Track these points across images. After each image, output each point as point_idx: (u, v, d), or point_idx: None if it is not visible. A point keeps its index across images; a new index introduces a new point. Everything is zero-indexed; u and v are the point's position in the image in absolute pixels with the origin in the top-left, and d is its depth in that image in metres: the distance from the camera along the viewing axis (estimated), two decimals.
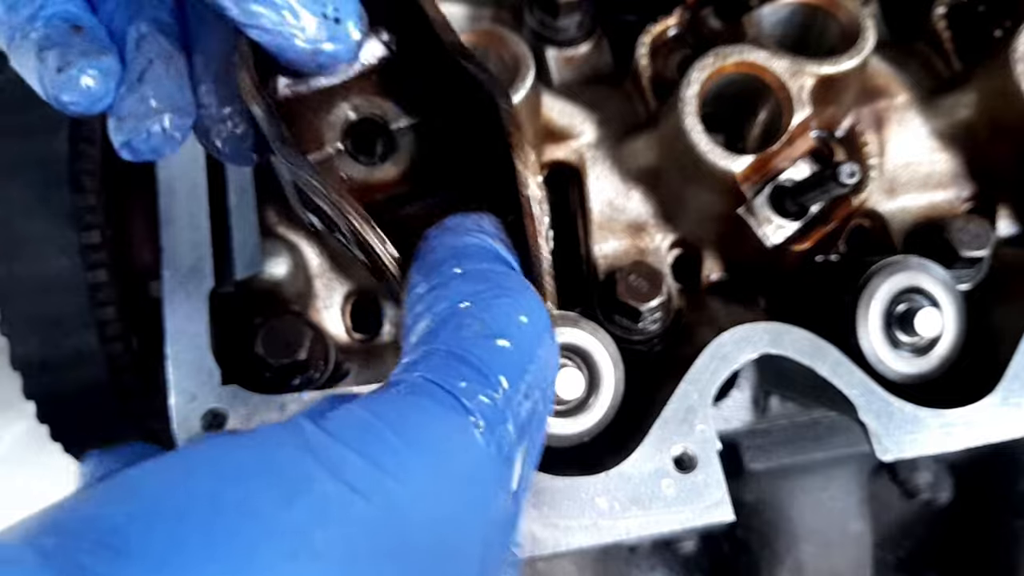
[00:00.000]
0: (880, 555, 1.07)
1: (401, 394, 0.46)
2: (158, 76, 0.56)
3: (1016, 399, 0.78)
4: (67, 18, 0.56)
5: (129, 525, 0.35)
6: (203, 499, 0.37)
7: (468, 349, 0.48)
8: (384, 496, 0.40)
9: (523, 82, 0.83)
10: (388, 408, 0.45)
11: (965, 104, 0.94)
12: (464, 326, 0.49)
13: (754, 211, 0.86)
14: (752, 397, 0.95)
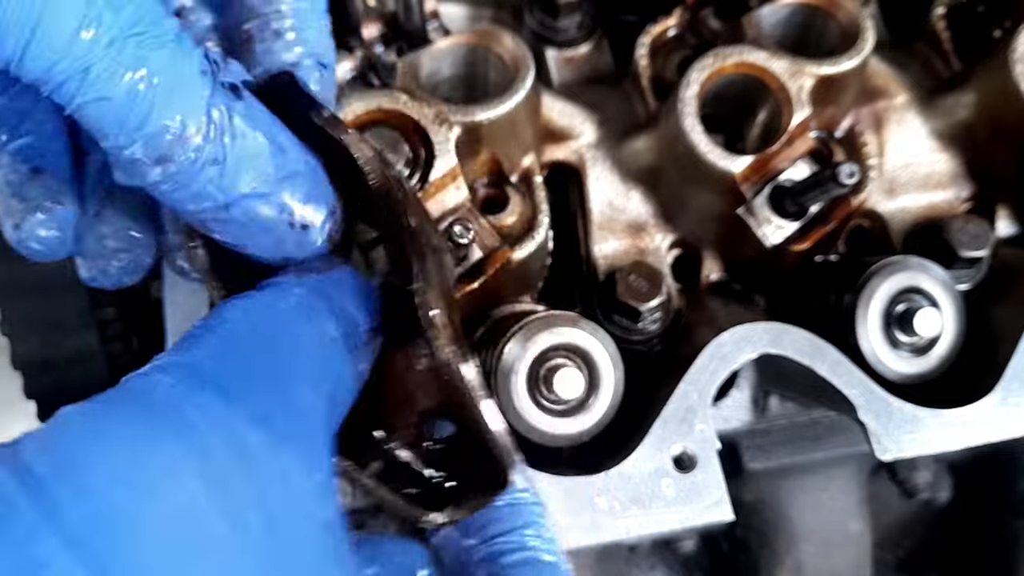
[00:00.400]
0: (880, 555, 1.07)
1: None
2: (116, 213, 0.56)
3: (1015, 399, 0.78)
4: (29, 156, 0.55)
5: None
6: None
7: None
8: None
9: (523, 83, 0.83)
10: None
11: (964, 104, 0.94)
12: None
13: (754, 211, 0.87)
14: (751, 397, 0.95)
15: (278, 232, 0.51)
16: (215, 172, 0.47)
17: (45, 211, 0.55)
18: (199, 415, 0.40)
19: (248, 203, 0.49)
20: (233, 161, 0.48)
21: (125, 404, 0.40)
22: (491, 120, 0.82)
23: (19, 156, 0.55)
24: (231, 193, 0.48)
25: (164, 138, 0.45)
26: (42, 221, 0.55)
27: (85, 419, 0.39)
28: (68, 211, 0.56)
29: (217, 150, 0.47)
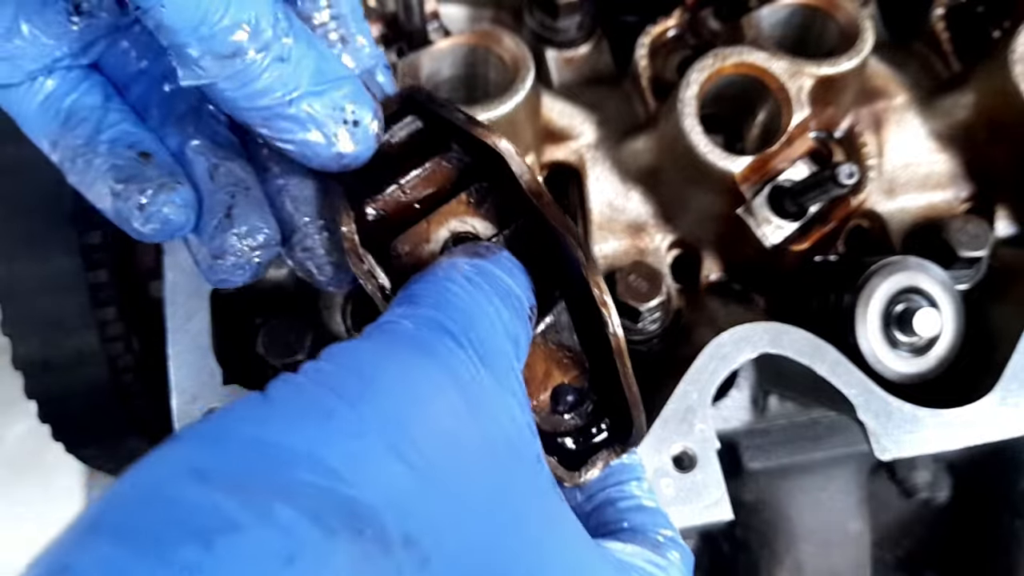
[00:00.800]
0: (879, 554, 1.07)
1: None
2: (245, 214, 0.58)
3: (1014, 399, 0.79)
4: (130, 143, 0.58)
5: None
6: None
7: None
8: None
9: (523, 83, 0.84)
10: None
11: (964, 105, 0.94)
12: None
13: (753, 211, 0.87)
14: (751, 397, 0.95)
15: (334, 128, 0.54)
16: (280, 69, 0.50)
17: (168, 189, 0.56)
18: (445, 351, 0.46)
19: (308, 100, 0.52)
20: (296, 59, 0.51)
21: (386, 342, 0.46)
22: (491, 120, 0.82)
23: (118, 144, 0.57)
24: (294, 89, 0.51)
25: (239, 33, 0.48)
26: (168, 201, 0.56)
27: (367, 350, 0.45)
28: (190, 192, 0.58)
29: (283, 48, 0.50)
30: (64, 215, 0.92)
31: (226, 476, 0.36)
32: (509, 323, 0.52)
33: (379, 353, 0.45)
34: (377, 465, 0.39)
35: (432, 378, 0.45)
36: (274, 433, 0.39)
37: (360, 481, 0.38)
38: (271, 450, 0.38)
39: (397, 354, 0.45)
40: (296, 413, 0.40)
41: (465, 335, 0.48)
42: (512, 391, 0.49)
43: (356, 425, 0.40)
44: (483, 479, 0.44)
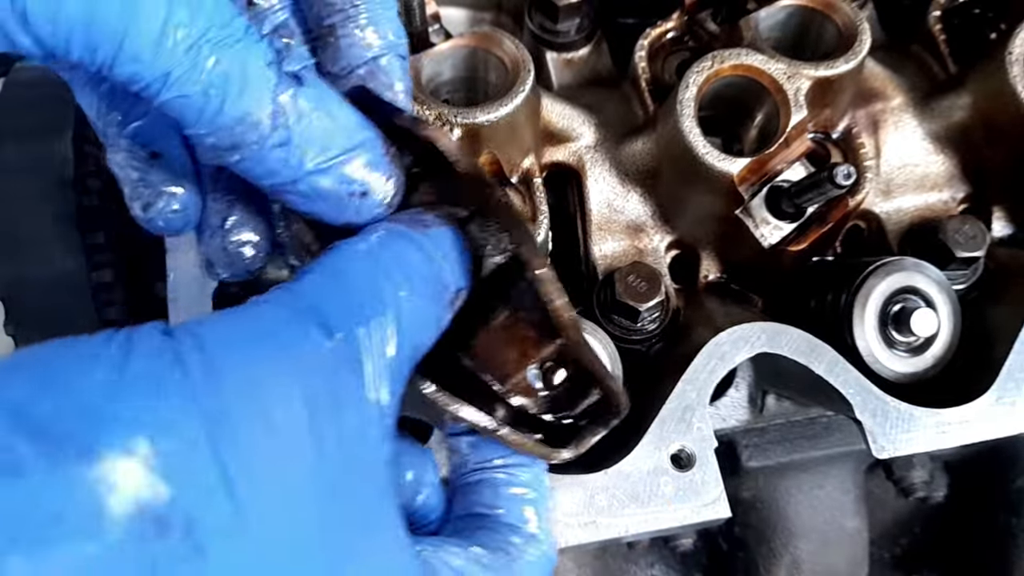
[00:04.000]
0: (876, 552, 1.08)
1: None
2: (240, 224, 0.61)
3: (1010, 398, 0.79)
4: (146, 140, 0.61)
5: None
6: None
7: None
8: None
9: (523, 85, 0.84)
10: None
11: (960, 106, 0.95)
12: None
13: (751, 212, 0.87)
14: (749, 396, 0.96)
15: (341, 200, 0.56)
16: (283, 153, 0.53)
17: (167, 194, 0.60)
18: (309, 347, 0.47)
19: (313, 177, 0.55)
20: (298, 142, 0.53)
21: (251, 327, 0.47)
22: (491, 122, 0.82)
23: (136, 140, 0.61)
24: (298, 170, 0.54)
25: (237, 127, 0.51)
26: (167, 206, 0.60)
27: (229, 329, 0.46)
28: (189, 196, 0.61)
29: (283, 134, 0.53)
30: (68, 215, 0.92)
31: (34, 422, 0.38)
32: (412, 315, 0.52)
33: (238, 336, 0.46)
34: (185, 459, 0.40)
35: (280, 376, 0.45)
36: (92, 386, 0.41)
37: (166, 468, 0.39)
38: (82, 403, 0.40)
39: (254, 342, 0.46)
40: (132, 378, 0.41)
41: (343, 327, 0.48)
42: (379, 399, 0.49)
43: (175, 413, 0.41)
44: (311, 504, 0.44)
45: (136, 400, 0.41)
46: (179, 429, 0.41)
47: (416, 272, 0.54)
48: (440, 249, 0.56)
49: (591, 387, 0.62)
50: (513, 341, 0.61)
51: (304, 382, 0.46)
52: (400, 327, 0.51)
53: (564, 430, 0.62)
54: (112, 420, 0.40)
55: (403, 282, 0.52)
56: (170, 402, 0.41)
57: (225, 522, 0.41)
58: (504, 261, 0.60)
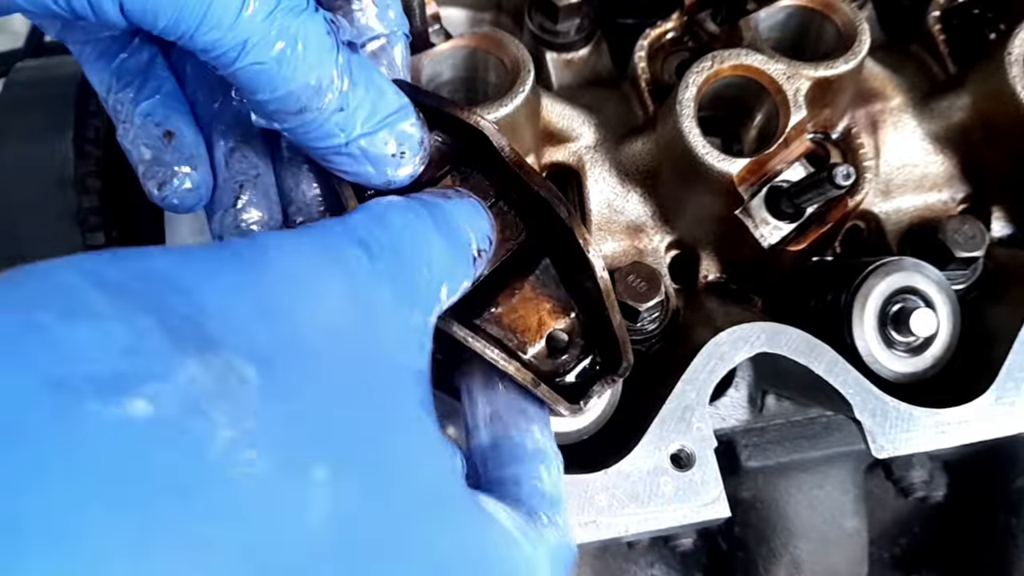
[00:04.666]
0: (876, 552, 1.08)
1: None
2: (249, 205, 0.65)
3: (1010, 398, 0.79)
4: (159, 119, 0.64)
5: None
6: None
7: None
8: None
9: (523, 86, 0.84)
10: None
11: (960, 106, 0.95)
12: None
13: (751, 212, 0.87)
14: (749, 396, 0.96)
15: (383, 160, 0.61)
16: (340, 117, 0.57)
17: (180, 174, 0.63)
18: (354, 261, 0.51)
19: (362, 139, 0.59)
20: (353, 106, 0.58)
21: (307, 241, 0.51)
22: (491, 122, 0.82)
23: (149, 118, 0.64)
24: (351, 133, 0.58)
25: (304, 93, 0.55)
26: (181, 182, 0.63)
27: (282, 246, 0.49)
28: (201, 176, 0.64)
29: (343, 99, 0.57)
30: (68, 215, 0.92)
31: (111, 282, 0.40)
32: (440, 259, 0.56)
33: (295, 247, 0.49)
34: (242, 320, 0.43)
35: (328, 279, 0.49)
36: (172, 268, 0.43)
37: (222, 323, 0.42)
38: (162, 278, 0.42)
39: (307, 252, 0.49)
40: (199, 264, 0.44)
41: (383, 255, 0.52)
42: (411, 318, 0.53)
43: (240, 287, 0.44)
44: (342, 377, 0.46)
45: (199, 277, 0.43)
46: (233, 301, 0.43)
47: (445, 226, 0.58)
48: (464, 212, 0.61)
49: (597, 348, 0.70)
50: (535, 310, 0.70)
51: (353, 292, 0.49)
52: (433, 267, 0.55)
53: (572, 389, 0.69)
54: (175, 287, 0.42)
55: (434, 231, 0.57)
56: (225, 282, 0.44)
57: (277, 372, 0.42)
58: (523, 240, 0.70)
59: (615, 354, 0.69)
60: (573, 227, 0.67)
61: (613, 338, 0.69)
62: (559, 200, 0.67)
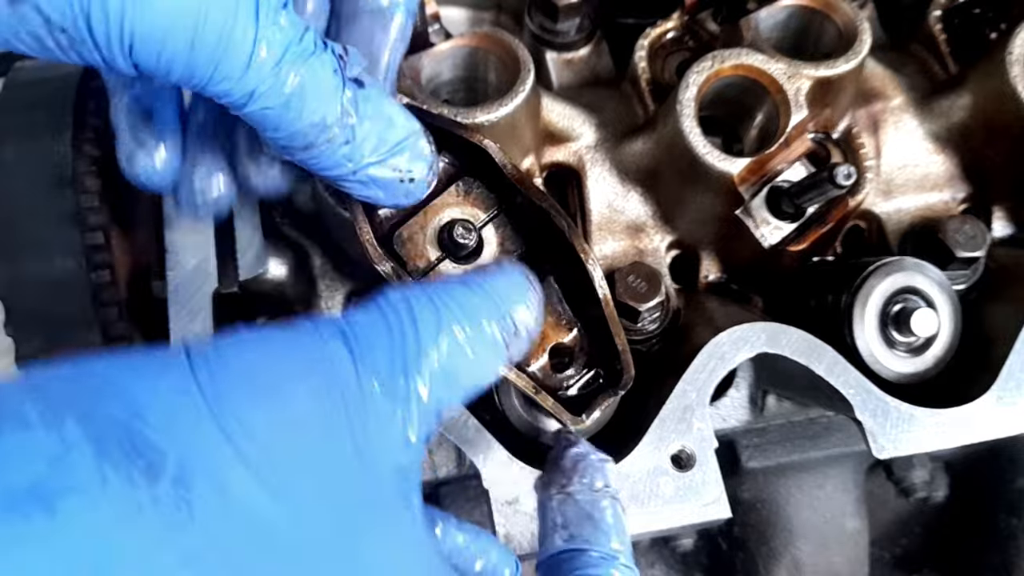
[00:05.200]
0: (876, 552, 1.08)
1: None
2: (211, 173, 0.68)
3: (1011, 398, 0.79)
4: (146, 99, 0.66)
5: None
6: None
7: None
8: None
9: (523, 85, 0.84)
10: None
11: (961, 106, 0.95)
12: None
13: (751, 212, 0.87)
14: (749, 396, 0.96)
15: (392, 186, 0.63)
16: (347, 149, 0.59)
17: (149, 150, 0.66)
18: (343, 368, 0.49)
19: (371, 168, 0.61)
20: (360, 138, 0.59)
21: (289, 340, 0.50)
22: (491, 122, 0.82)
23: (137, 99, 0.66)
24: (359, 163, 0.60)
25: (310, 131, 0.57)
26: (148, 158, 0.66)
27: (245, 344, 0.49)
28: (169, 155, 0.67)
29: (348, 133, 0.59)
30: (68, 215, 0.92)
31: (48, 392, 0.41)
32: (447, 354, 0.53)
33: (261, 343, 0.49)
34: (185, 428, 0.42)
35: (294, 378, 0.47)
36: (115, 372, 0.43)
37: (159, 423, 0.41)
38: (103, 383, 0.42)
39: (275, 348, 0.49)
40: (145, 367, 0.44)
41: (372, 354, 0.50)
42: (394, 424, 0.50)
43: (185, 390, 0.43)
44: (302, 490, 0.45)
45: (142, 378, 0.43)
46: (176, 400, 0.43)
47: (471, 314, 0.55)
48: (501, 289, 0.58)
49: (600, 362, 0.71)
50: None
51: (319, 380, 0.48)
52: (433, 363, 0.52)
53: (575, 401, 0.70)
54: (113, 391, 0.42)
55: (442, 324, 0.54)
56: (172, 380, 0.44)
57: (215, 478, 0.42)
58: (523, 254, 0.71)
59: (617, 367, 0.70)
60: (573, 240, 0.68)
61: (615, 352, 0.70)
62: (560, 213, 0.69)
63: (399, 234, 0.71)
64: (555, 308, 0.72)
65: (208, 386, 0.44)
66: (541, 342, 0.71)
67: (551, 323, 0.72)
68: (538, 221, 0.71)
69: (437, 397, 0.52)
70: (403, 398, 0.51)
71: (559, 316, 0.72)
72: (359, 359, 0.50)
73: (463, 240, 0.70)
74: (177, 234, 0.85)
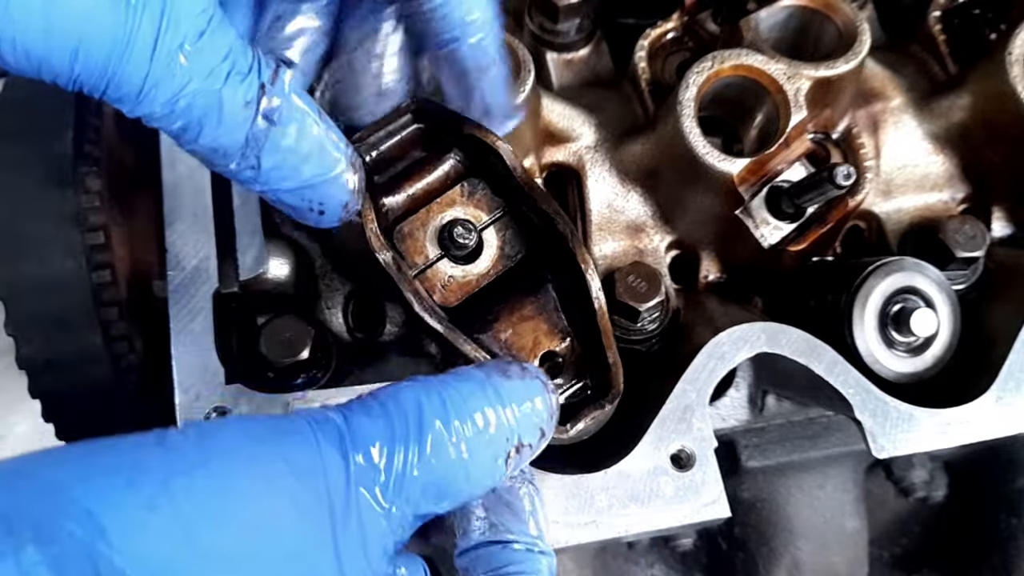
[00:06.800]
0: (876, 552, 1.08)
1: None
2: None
3: (1010, 398, 0.79)
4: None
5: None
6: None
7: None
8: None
9: (523, 86, 0.84)
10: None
11: (960, 106, 0.95)
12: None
13: (751, 212, 0.87)
14: (749, 396, 0.96)
15: (301, 212, 0.63)
16: (251, 174, 0.60)
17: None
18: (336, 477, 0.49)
19: (281, 195, 0.62)
20: (267, 168, 0.60)
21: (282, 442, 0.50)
22: None
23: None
24: (264, 186, 0.61)
25: (209, 153, 0.58)
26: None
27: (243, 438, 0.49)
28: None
29: (252, 162, 0.59)
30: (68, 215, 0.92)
31: (4, 512, 0.39)
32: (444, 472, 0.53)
33: (268, 447, 0.48)
34: (154, 548, 0.41)
35: (277, 490, 0.47)
36: (72, 481, 0.41)
37: (123, 544, 0.40)
38: (63, 500, 0.40)
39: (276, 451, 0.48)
40: (107, 468, 0.42)
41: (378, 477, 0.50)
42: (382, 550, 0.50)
43: (153, 504, 0.42)
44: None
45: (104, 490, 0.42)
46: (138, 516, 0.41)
47: (473, 420, 0.55)
48: (515, 402, 0.58)
49: (590, 372, 0.70)
50: (532, 330, 0.71)
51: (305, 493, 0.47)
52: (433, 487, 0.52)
53: (562, 410, 0.67)
54: (72, 507, 0.40)
55: (464, 441, 0.54)
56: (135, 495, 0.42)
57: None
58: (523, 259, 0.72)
59: (607, 379, 0.70)
60: (575, 248, 0.68)
61: (606, 364, 0.69)
62: (564, 220, 0.69)
63: (400, 229, 0.72)
64: (550, 315, 0.72)
65: (183, 501, 0.43)
66: (533, 348, 0.71)
67: (545, 330, 0.71)
68: (542, 226, 0.71)
69: (425, 510, 0.53)
70: (395, 516, 0.51)
71: (554, 324, 0.72)
72: (355, 477, 0.49)
73: (463, 240, 0.70)
74: (177, 234, 0.85)
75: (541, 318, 0.71)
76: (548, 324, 0.71)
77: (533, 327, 0.71)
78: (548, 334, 0.71)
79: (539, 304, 0.71)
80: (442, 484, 0.53)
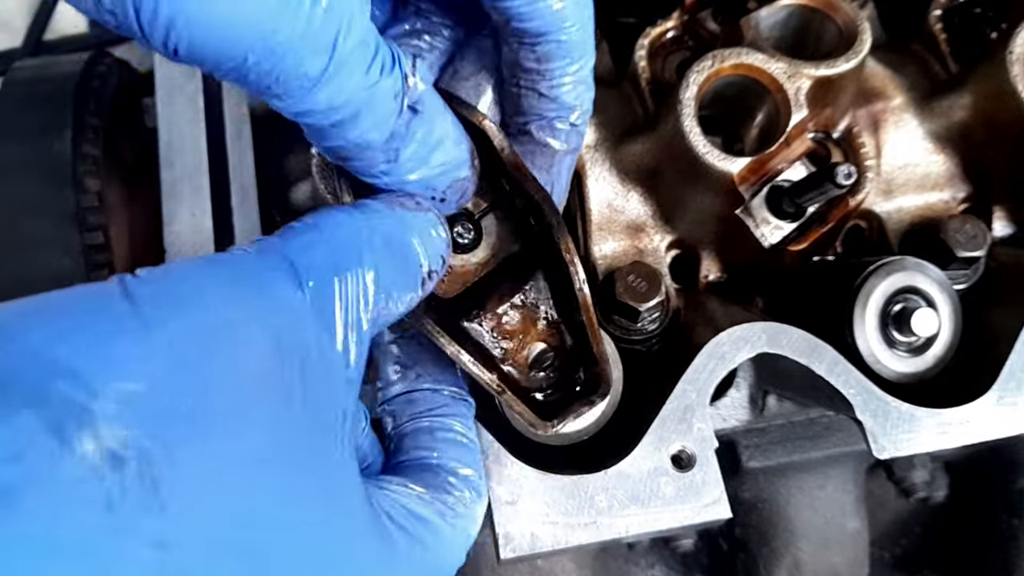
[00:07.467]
0: (877, 552, 1.08)
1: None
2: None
3: (1012, 398, 0.79)
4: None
5: None
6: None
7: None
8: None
9: None
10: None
11: (961, 106, 0.95)
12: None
13: (752, 212, 0.87)
14: (750, 396, 0.96)
15: (426, 202, 0.64)
16: (388, 167, 0.60)
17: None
18: (282, 292, 0.51)
19: (408, 186, 0.62)
20: (404, 160, 0.60)
21: (224, 266, 0.51)
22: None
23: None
24: (397, 179, 0.61)
25: (352, 148, 0.58)
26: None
27: (196, 269, 0.50)
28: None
29: (392, 154, 0.60)
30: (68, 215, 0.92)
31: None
32: (384, 278, 0.56)
33: (205, 280, 0.49)
34: (137, 395, 0.42)
35: (247, 322, 0.48)
36: (51, 339, 0.42)
37: (115, 401, 0.41)
38: (41, 356, 0.41)
39: (221, 284, 0.49)
40: (88, 334, 0.43)
41: (314, 277, 0.52)
42: (345, 350, 0.52)
43: (136, 356, 0.43)
44: (255, 443, 0.46)
45: (89, 346, 0.42)
46: (133, 371, 0.42)
47: (394, 243, 0.58)
48: (421, 229, 0.60)
49: (581, 367, 0.69)
50: (520, 319, 0.70)
51: (271, 329, 0.49)
52: (372, 287, 0.55)
53: (549, 406, 0.68)
54: (55, 366, 0.41)
55: (380, 248, 0.57)
56: (124, 346, 0.43)
57: (179, 461, 0.42)
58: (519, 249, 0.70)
59: (596, 374, 0.68)
60: (559, 238, 0.67)
61: (594, 358, 0.68)
62: (552, 209, 0.67)
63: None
64: (539, 308, 0.71)
65: (167, 349, 0.44)
66: (522, 340, 0.70)
67: (534, 322, 0.70)
68: (529, 211, 0.70)
69: (373, 325, 0.55)
70: (354, 341, 0.53)
71: (543, 316, 0.71)
72: (305, 292, 0.51)
73: (462, 240, 0.70)
74: (176, 234, 0.85)
75: (531, 310, 0.70)
76: (538, 316, 0.70)
77: (522, 319, 0.70)
78: (537, 327, 0.70)
79: (529, 295, 0.70)
80: (381, 308, 0.56)
